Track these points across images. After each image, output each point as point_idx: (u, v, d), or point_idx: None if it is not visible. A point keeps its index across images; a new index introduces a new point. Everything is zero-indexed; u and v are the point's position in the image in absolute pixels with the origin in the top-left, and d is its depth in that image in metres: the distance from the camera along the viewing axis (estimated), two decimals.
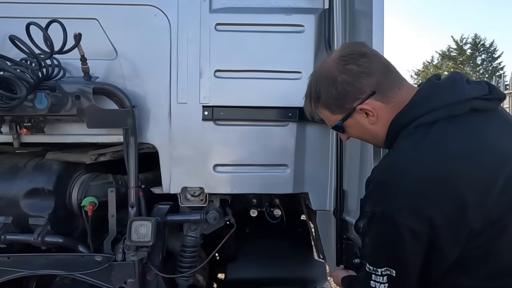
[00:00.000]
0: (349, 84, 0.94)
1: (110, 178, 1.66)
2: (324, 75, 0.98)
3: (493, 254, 0.82)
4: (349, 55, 0.95)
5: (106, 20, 1.55)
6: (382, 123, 0.96)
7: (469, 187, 0.79)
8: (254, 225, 2.09)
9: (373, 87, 0.93)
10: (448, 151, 0.82)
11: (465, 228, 0.79)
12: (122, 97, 1.48)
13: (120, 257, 1.50)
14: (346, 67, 0.94)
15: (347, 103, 0.96)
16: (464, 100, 0.86)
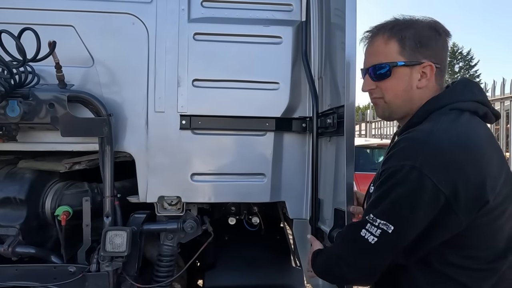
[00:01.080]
0: (436, 43, 0.98)
1: (86, 186, 1.64)
2: (426, 21, 1.00)
3: (488, 237, 0.89)
4: (444, 29, 1.01)
5: (83, 27, 1.54)
6: (423, 94, 0.98)
7: (490, 168, 0.87)
8: (232, 233, 2.09)
9: (441, 63, 0.99)
10: (477, 133, 0.92)
11: (479, 202, 0.84)
12: (98, 105, 1.46)
13: (94, 267, 1.48)
14: (438, 30, 0.99)
15: (422, 54, 0.97)
16: (485, 103, 0.98)
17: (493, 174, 0.87)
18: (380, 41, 1.00)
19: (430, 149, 0.85)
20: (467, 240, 0.87)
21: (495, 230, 0.89)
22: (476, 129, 0.92)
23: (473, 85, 1.00)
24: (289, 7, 1.64)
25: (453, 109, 0.94)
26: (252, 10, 1.61)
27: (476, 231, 0.86)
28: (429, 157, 0.84)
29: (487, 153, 0.89)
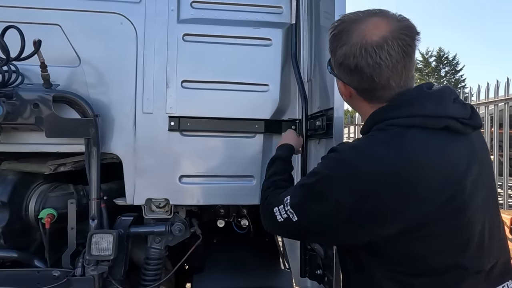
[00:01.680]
0: (348, 67, 0.91)
1: (71, 188, 1.61)
2: (352, 38, 0.90)
3: (413, 254, 0.87)
4: (378, 43, 0.87)
5: (70, 27, 1.51)
6: (360, 103, 0.98)
7: (417, 190, 0.83)
8: (221, 236, 2.08)
9: (360, 89, 0.94)
10: (411, 153, 0.85)
11: (384, 224, 0.85)
12: (84, 106, 1.44)
13: (79, 271, 1.44)
14: (366, 51, 0.87)
15: (339, 71, 0.96)
16: (443, 116, 0.88)
17: (422, 196, 0.83)
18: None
19: (348, 167, 0.87)
20: (390, 254, 0.88)
21: (422, 248, 0.86)
22: (417, 147, 0.86)
23: (427, 96, 0.90)
24: (279, 10, 1.64)
25: (392, 124, 0.89)
26: (242, 11, 1.61)
27: (395, 247, 0.87)
28: (345, 174, 0.86)
29: (422, 173, 0.84)
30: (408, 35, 0.88)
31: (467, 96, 6.27)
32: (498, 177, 5.88)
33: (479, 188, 0.89)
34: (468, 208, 0.86)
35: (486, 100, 5.65)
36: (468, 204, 0.86)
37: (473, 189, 0.87)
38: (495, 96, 5.46)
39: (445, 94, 0.92)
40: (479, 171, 0.90)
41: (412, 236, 0.85)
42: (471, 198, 0.86)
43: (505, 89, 5.24)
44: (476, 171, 0.89)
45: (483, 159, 0.94)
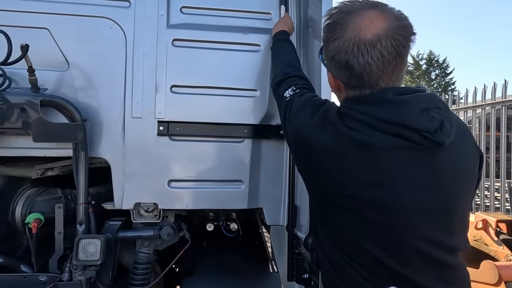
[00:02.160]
0: (339, 61, 0.91)
1: (59, 193, 1.60)
2: (345, 33, 0.89)
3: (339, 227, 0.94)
4: (366, 48, 0.86)
5: (58, 30, 1.50)
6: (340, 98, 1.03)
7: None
8: (211, 239, 2.09)
9: (348, 83, 0.95)
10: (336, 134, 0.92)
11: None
12: (72, 110, 1.43)
13: (66, 276, 1.44)
14: (356, 51, 0.87)
15: (329, 63, 0.97)
16: (398, 124, 0.86)
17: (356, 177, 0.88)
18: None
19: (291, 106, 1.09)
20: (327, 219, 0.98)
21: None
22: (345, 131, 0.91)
23: (388, 101, 0.89)
24: (268, 16, 1.66)
25: (348, 114, 0.94)
26: (231, 17, 1.62)
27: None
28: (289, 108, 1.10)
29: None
30: (403, 35, 0.87)
31: (456, 99, 6.38)
32: (485, 180, 5.99)
33: (419, 197, 0.87)
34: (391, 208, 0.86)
35: (473, 104, 5.75)
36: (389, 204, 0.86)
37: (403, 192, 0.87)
38: (483, 100, 5.57)
39: (410, 103, 0.88)
40: (431, 183, 0.87)
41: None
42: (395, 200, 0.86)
43: (492, 93, 5.35)
44: (423, 182, 0.87)
45: (448, 174, 0.90)
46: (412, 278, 0.88)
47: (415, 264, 0.88)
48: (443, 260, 0.91)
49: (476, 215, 3.04)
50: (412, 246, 0.87)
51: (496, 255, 2.71)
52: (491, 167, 5.74)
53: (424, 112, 0.87)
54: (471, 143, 1.00)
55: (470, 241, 2.89)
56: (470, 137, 1.02)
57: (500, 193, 5.34)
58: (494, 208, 5.49)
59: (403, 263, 0.88)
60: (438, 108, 0.90)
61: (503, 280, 2.32)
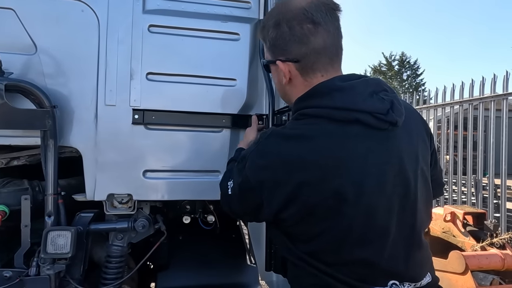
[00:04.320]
0: (282, 40, 0.97)
1: (26, 184, 1.51)
2: (278, 16, 0.98)
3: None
4: (305, 13, 0.93)
5: (25, 12, 1.42)
6: (296, 89, 1.01)
7: (307, 176, 0.87)
8: (187, 232, 2.05)
9: (299, 57, 0.96)
10: (307, 144, 0.89)
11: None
12: (41, 96, 1.36)
13: (33, 271, 1.37)
14: (293, 22, 0.94)
15: (274, 53, 1.01)
16: (352, 109, 0.88)
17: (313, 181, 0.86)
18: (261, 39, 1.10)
19: (257, 151, 0.96)
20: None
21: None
22: (318, 144, 0.88)
23: (339, 88, 0.92)
24: (247, 5, 1.64)
25: (304, 114, 0.94)
26: (210, 5, 1.59)
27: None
28: (254, 156, 0.96)
29: (311, 172, 0.86)
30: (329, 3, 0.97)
31: (426, 98, 6.60)
32: (453, 176, 6.25)
33: (387, 182, 0.89)
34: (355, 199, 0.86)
35: (443, 102, 5.97)
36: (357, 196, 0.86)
37: (372, 182, 0.87)
38: (451, 99, 5.79)
39: (358, 88, 0.91)
40: (394, 167, 0.90)
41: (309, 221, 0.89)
42: (362, 190, 0.87)
43: (460, 92, 5.57)
44: (387, 167, 0.89)
45: (405, 155, 0.92)
46: (386, 266, 0.89)
47: (388, 248, 0.89)
48: (415, 241, 0.93)
49: (445, 208, 3.16)
50: (384, 230, 0.89)
51: (463, 246, 2.83)
52: (458, 164, 6.00)
53: (373, 95, 0.91)
54: (420, 122, 1.05)
55: (439, 233, 3.02)
56: (418, 116, 1.07)
57: (467, 187, 5.60)
58: (461, 202, 5.74)
59: (377, 251, 0.89)
60: (385, 91, 0.94)
61: (469, 269, 2.43)
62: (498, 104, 4.93)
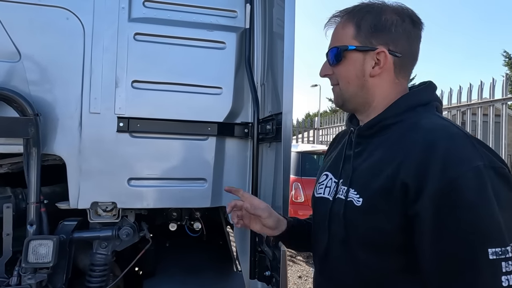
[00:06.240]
0: (395, 29, 0.89)
1: (8, 192, 1.49)
2: (381, 4, 0.92)
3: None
4: (414, 15, 0.92)
5: (9, 19, 1.41)
6: (378, 84, 0.92)
7: None
8: (174, 239, 2.04)
9: (403, 52, 0.90)
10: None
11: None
12: (23, 103, 1.35)
13: (14, 280, 1.35)
14: (405, 17, 0.90)
15: (377, 39, 0.89)
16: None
17: None
18: (340, 24, 0.95)
19: (475, 142, 0.77)
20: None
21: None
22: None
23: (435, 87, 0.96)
24: (234, 14, 1.65)
25: (432, 106, 0.91)
26: (196, 13, 1.60)
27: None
28: (484, 149, 0.76)
29: None
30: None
31: None
32: None
33: None
34: None
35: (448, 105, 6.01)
36: None
37: None
38: (448, 103, 5.85)
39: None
40: None
41: None
42: None
43: (448, 98, 5.64)
44: None
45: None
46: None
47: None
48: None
49: None
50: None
51: None
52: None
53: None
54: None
55: None
56: None
57: None
58: None
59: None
60: None
61: None
62: (485, 109, 5.01)
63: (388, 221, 0.79)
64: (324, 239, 0.98)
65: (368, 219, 0.83)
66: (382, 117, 0.90)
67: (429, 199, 0.72)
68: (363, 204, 0.84)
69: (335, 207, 0.94)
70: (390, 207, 0.79)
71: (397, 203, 0.77)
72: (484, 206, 0.69)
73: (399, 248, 0.80)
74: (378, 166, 0.84)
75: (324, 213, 0.98)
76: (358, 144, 0.95)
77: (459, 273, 0.70)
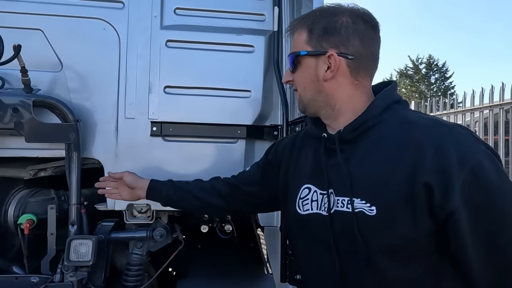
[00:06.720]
0: (345, 31, 0.88)
1: (52, 194, 1.59)
2: (333, 7, 0.92)
3: None
4: (367, 15, 0.91)
5: (52, 31, 1.51)
6: (340, 87, 0.91)
7: None
8: (205, 241, 2.08)
9: (357, 54, 0.88)
10: None
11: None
12: (65, 111, 1.43)
13: (58, 277, 1.43)
14: (357, 18, 0.89)
15: (327, 43, 0.89)
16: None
17: None
18: (296, 31, 0.95)
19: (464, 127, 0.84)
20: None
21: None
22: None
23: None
24: (262, 17, 1.66)
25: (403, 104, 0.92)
26: (225, 19, 1.63)
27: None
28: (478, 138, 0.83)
29: None
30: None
31: (453, 103, 6.38)
32: None
33: None
34: None
35: (471, 107, 5.75)
36: None
37: None
38: (480, 103, 5.56)
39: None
40: None
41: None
42: None
43: (489, 96, 5.35)
44: None
45: None
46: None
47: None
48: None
49: None
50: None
51: None
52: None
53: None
54: None
55: None
56: None
57: None
58: None
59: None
60: None
61: None
62: None
63: (413, 226, 0.76)
64: (332, 261, 0.87)
65: (389, 228, 0.79)
66: (363, 119, 0.88)
67: (460, 193, 0.72)
68: (378, 213, 0.80)
69: (338, 223, 0.86)
70: (414, 211, 0.76)
71: (422, 206, 0.75)
72: (506, 181, 0.75)
73: (428, 251, 0.79)
74: (383, 170, 0.81)
75: (323, 232, 0.89)
76: (342, 150, 0.89)
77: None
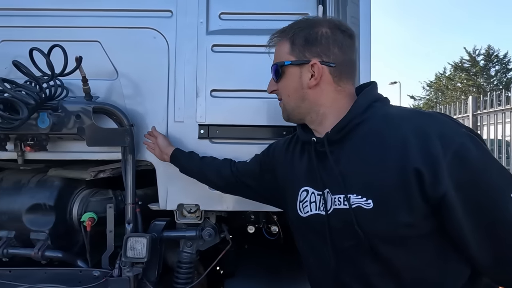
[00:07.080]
0: (325, 41, 0.95)
1: (110, 194, 1.71)
2: (312, 19, 1.00)
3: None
4: (343, 26, 0.98)
5: (108, 42, 1.62)
6: (323, 94, 0.97)
7: None
8: (252, 242, 2.10)
9: (337, 62, 0.95)
10: None
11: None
12: (121, 116, 1.53)
13: (116, 272, 1.53)
14: (335, 28, 0.96)
15: (310, 52, 0.95)
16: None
17: None
18: (278, 43, 1.03)
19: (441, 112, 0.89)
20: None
21: None
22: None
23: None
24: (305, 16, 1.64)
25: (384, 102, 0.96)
26: (268, 21, 1.63)
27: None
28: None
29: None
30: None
31: None
32: None
33: None
34: None
35: None
36: None
37: None
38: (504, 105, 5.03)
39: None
40: None
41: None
42: None
43: None
44: None
45: None
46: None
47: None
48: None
49: None
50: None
51: None
52: None
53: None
54: None
55: None
56: None
57: None
58: None
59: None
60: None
61: None
62: None
63: (410, 212, 0.79)
64: (329, 256, 0.93)
65: (388, 217, 0.82)
66: (348, 119, 0.92)
67: (448, 175, 0.75)
68: (376, 205, 0.83)
69: (338, 220, 0.90)
70: (409, 198, 0.79)
71: (416, 192, 0.78)
72: (489, 157, 0.78)
73: (429, 234, 0.82)
74: (373, 163, 0.85)
75: (323, 230, 0.93)
76: (331, 151, 0.94)
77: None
